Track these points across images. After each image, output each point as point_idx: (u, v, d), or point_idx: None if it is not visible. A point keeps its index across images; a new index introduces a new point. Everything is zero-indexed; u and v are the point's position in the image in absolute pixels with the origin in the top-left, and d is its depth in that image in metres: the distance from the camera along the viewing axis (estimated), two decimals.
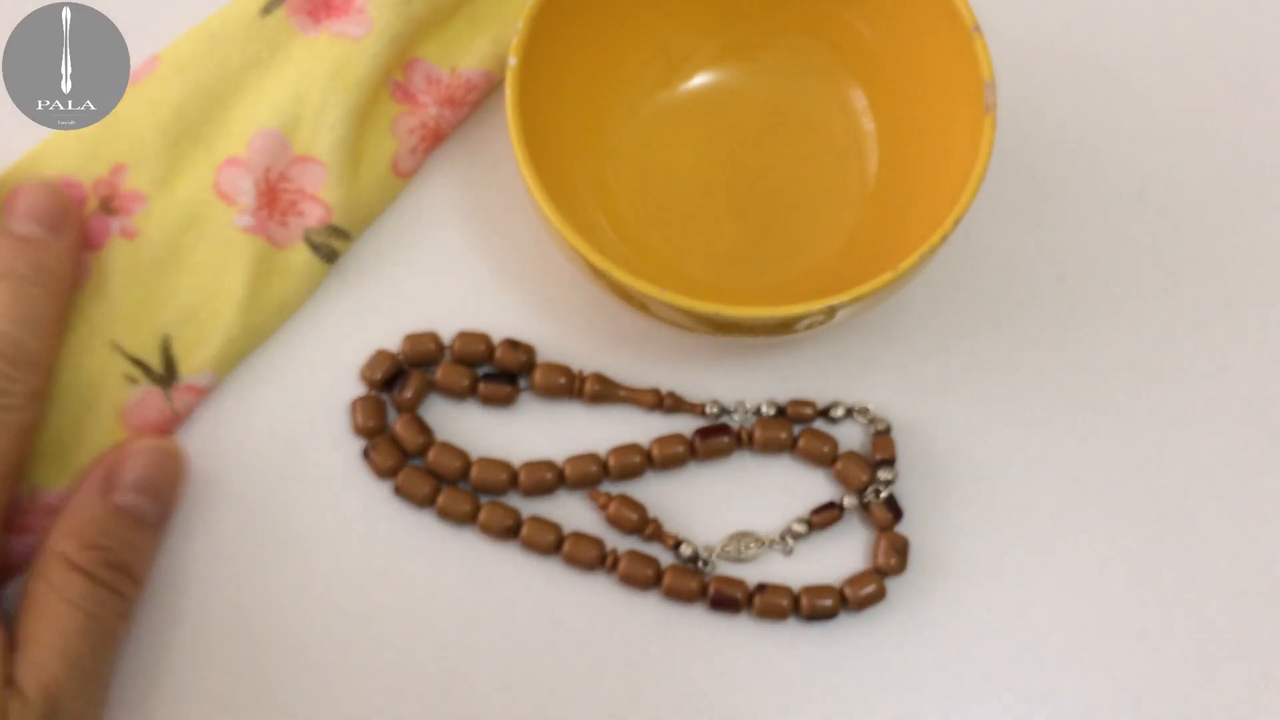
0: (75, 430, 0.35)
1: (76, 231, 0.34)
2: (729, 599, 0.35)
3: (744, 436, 0.36)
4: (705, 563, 0.35)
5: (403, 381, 0.36)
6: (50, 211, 0.34)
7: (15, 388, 0.32)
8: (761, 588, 0.35)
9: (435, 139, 0.38)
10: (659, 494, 0.36)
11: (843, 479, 0.36)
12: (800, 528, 0.36)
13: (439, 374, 0.36)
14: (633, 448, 0.36)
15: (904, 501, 0.36)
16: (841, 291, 0.31)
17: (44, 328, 0.33)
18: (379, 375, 0.36)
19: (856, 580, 0.35)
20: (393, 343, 0.37)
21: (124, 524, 0.33)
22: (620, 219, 0.37)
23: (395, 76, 0.38)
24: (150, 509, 0.33)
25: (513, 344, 0.36)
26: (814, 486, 0.36)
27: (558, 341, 0.37)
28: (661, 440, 0.36)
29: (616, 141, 0.38)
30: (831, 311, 0.32)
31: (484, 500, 0.36)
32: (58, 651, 0.31)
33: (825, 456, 0.36)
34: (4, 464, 0.32)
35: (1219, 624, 0.36)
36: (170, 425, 0.36)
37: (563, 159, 0.35)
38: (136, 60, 0.37)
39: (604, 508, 0.36)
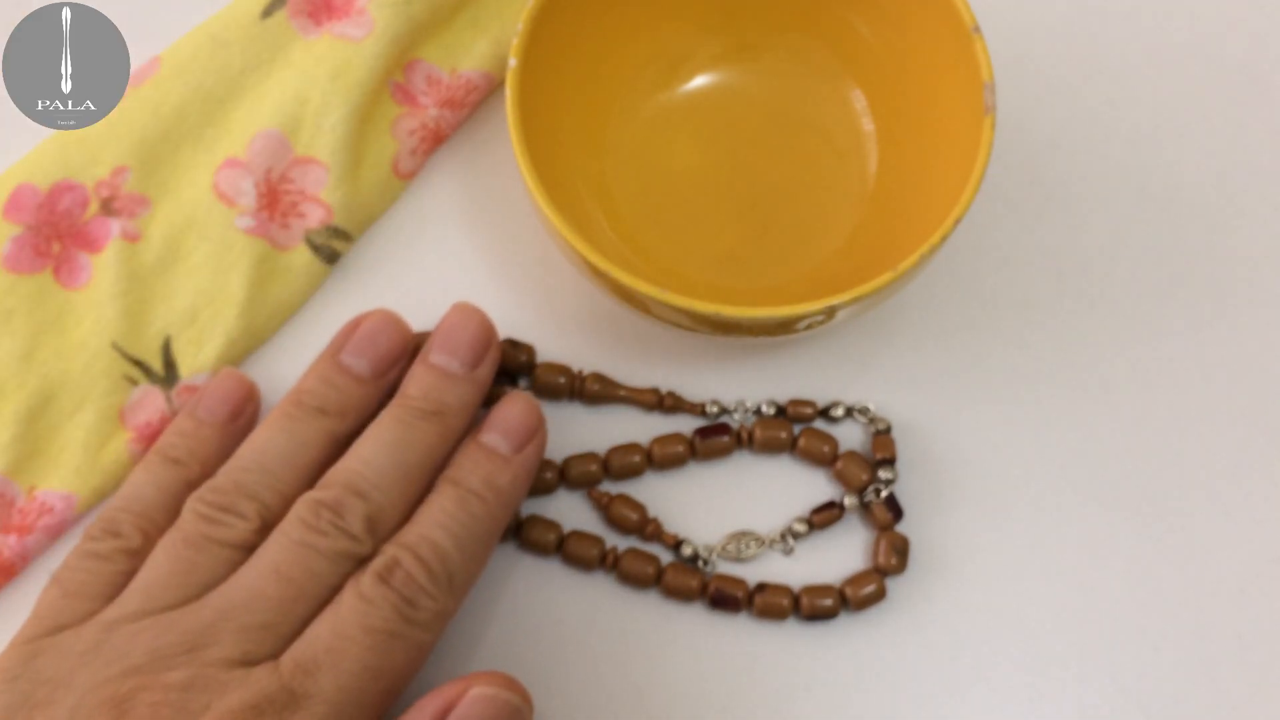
0: (75, 430, 0.35)
1: (538, 450, 0.34)
2: (729, 598, 0.35)
3: (744, 436, 0.36)
4: (705, 562, 0.35)
5: None
6: (525, 428, 0.33)
7: (429, 605, 0.30)
8: (761, 587, 0.35)
9: (436, 140, 0.38)
10: (659, 493, 0.36)
11: (843, 479, 0.36)
12: (800, 527, 0.36)
13: None
14: (632, 447, 0.36)
15: (904, 501, 0.36)
16: (841, 291, 0.31)
17: (476, 551, 0.32)
18: None
19: (856, 580, 0.35)
20: None
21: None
22: (620, 219, 0.37)
23: (396, 78, 0.38)
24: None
25: (513, 344, 0.36)
26: (814, 486, 0.36)
27: (558, 341, 0.37)
28: (661, 440, 0.36)
29: (616, 141, 0.38)
30: (831, 311, 0.32)
31: None
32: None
33: (825, 456, 0.36)
34: (397, 680, 0.30)
35: (1219, 623, 0.36)
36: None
37: (563, 159, 0.35)
38: (137, 62, 0.37)
39: (604, 507, 0.36)
